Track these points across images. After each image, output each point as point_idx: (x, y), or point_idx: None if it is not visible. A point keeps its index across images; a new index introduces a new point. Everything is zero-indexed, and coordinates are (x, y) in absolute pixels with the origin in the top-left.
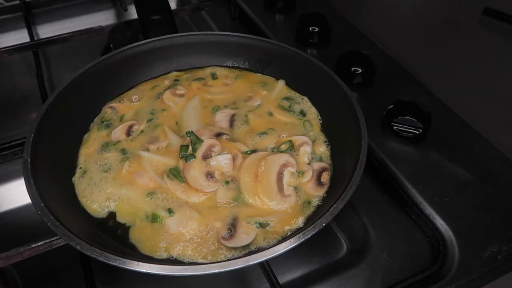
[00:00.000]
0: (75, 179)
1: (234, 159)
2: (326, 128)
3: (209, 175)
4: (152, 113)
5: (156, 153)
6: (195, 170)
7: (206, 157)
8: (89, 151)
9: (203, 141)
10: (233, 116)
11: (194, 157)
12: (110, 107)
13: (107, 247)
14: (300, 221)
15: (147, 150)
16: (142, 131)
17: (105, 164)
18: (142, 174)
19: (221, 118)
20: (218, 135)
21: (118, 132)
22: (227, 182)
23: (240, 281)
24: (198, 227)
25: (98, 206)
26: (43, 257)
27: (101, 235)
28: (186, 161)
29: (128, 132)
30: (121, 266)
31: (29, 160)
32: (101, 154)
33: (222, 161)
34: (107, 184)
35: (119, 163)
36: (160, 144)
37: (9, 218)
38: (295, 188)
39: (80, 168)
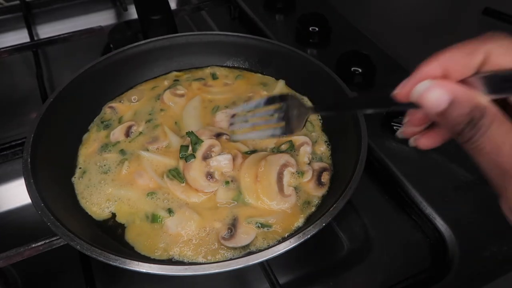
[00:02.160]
0: (75, 179)
1: (234, 159)
2: (326, 128)
3: (209, 175)
4: (150, 114)
5: (155, 153)
6: (195, 171)
7: (206, 157)
8: (88, 151)
9: (203, 141)
10: (233, 116)
11: (194, 157)
12: (110, 107)
13: (107, 247)
14: (300, 221)
15: (147, 150)
16: (140, 133)
17: (104, 165)
18: (142, 174)
19: (221, 118)
20: (218, 135)
21: (117, 133)
22: (227, 182)
23: (240, 281)
24: (198, 227)
25: (98, 208)
26: (43, 257)
27: (101, 235)
28: (186, 161)
29: (127, 133)
30: (121, 266)
31: (29, 160)
32: (100, 155)
33: (222, 161)
34: (106, 186)
35: (118, 165)
36: (160, 144)
37: (9, 218)
38: (295, 188)
39: (80, 168)
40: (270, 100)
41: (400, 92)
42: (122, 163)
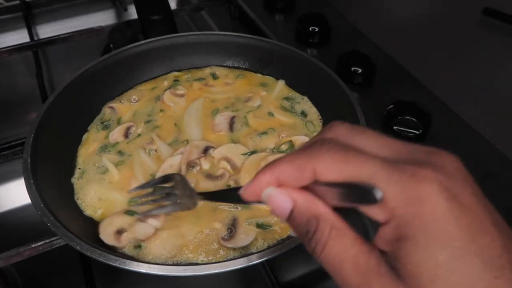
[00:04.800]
0: (74, 179)
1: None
2: None
3: (119, 232)
4: (150, 115)
5: (149, 156)
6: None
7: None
8: (87, 152)
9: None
10: (232, 118)
11: (133, 215)
12: (110, 107)
13: (107, 247)
14: None
15: (144, 150)
16: (139, 135)
17: (103, 166)
18: (137, 179)
19: (221, 121)
20: (206, 150)
21: (116, 134)
22: (228, 186)
23: (240, 281)
24: (198, 229)
25: (92, 211)
26: (43, 257)
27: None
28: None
29: (126, 134)
30: (121, 266)
31: (29, 160)
32: (99, 155)
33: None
34: (100, 188)
35: (115, 167)
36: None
37: (9, 218)
38: None
39: (79, 168)
40: (166, 179)
41: (243, 193)
42: (119, 165)
